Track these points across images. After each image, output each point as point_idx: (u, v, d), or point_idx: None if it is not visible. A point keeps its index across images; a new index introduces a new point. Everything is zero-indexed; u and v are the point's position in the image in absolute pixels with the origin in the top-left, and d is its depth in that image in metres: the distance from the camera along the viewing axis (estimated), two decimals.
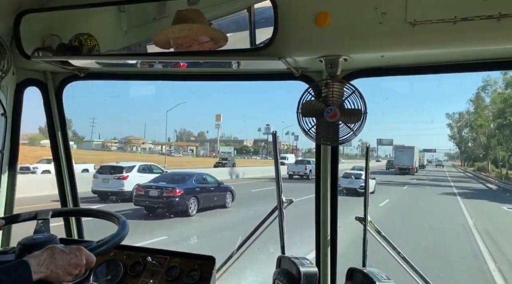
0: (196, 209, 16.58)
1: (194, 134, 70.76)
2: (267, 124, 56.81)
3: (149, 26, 2.20)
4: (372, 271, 2.13)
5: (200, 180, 18.16)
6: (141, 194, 16.56)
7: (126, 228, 1.74)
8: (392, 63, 2.07)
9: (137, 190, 16.83)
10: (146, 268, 2.09)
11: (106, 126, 72.01)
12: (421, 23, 1.72)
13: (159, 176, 18.70)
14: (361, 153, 63.07)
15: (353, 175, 20.61)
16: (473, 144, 57.90)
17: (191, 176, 18.10)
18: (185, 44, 2.02)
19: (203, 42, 2.03)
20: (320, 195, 2.37)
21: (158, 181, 17.48)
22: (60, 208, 2.53)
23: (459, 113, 53.51)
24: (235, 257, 2.53)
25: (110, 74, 2.58)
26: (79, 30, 2.14)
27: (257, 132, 64.33)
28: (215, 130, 59.00)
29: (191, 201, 16.48)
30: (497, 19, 1.63)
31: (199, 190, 17.17)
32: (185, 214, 16.08)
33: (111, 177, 18.08)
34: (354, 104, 1.98)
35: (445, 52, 1.89)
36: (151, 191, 16.46)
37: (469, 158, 63.49)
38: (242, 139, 71.99)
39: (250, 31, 2.12)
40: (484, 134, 44.09)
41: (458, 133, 59.22)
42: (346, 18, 1.82)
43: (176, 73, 2.44)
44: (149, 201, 16.33)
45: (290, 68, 2.08)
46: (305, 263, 2.22)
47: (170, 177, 18.45)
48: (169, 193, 16.28)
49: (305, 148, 60.35)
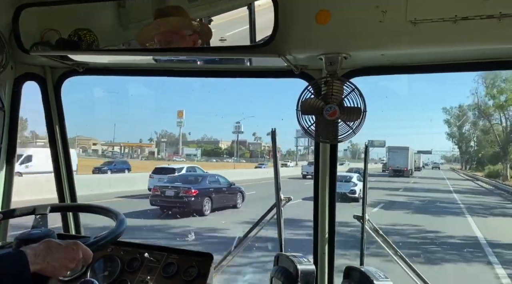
0: (210, 208, 16.96)
1: (176, 135, 67.36)
2: (237, 122, 53.16)
3: (149, 21, 2.20)
4: (370, 270, 2.13)
5: (213, 181, 18.75)
6: (157, 194, 17.25)
7: (124, 224, 1.74)
8: (392, 61, 2.06)
9: (154, 190, 17.51)
10: (144, 265, 2.09)
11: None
12: (421, 22, 1.71)
13: (174, 177, 19.46)
14: (350, 155, 62.49)
15: (341, 178, 18.33)
16: (478, 143, 49.79)
17: (205, 177, 18.98)
18: (167, 38, 2.02)
19: (185, 35, 2.02)
20: (318, 193, 2.38)
21: (173, 182, 18.01)
22: (59, 203, 2.54)
23: (459, 106, 48.14)
24: (233, 254, 2.53)
25: (109, 69, 2.57)
26: (78, 25, 2.14)
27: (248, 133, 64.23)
28: (179, 128, 56.30)
29: (206, 201, 16.90)
30: (497, 18, 1.62)
31: (212, 190, 17.62)
32: (200, 213, 16.53)
33: (165, 177, 20.42)
34: (353, 103, 1.98)
35: (445, 51, 1.89)
36: (167, 191, 17.04)
37: (471, 160, 54.37)
38: (219, 140, 69.65)
39: (250, 28, 2.11)
40: (500, 125, 38.66)
41: (458, 129, 51.78)
42: (346, 16, 1.82)
43: (175, 69, 2.44)
44: (165, 201, 16.88)
45: (290, 66, 2.08)
46: (303, 261, 2.23)
47: (184, 178, 19.22)
48: (185, 193, 16.77)
49: (285, 150, 60.27)
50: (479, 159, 51.85)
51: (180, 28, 2.02)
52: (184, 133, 65.47)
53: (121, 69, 2.56)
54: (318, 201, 2.38)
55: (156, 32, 2.03)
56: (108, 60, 2.41)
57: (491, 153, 45.29)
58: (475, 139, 53.38)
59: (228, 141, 69.36)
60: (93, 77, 2.59)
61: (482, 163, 50.08)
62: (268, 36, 1.86)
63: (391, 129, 66.28)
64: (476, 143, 53.41)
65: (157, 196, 17.16)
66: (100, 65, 2.52)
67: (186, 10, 2.05)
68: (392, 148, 40.83)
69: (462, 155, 60.97)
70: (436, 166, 60.21)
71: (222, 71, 2.43)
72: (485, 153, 48.32)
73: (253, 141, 68.11)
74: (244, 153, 67.76)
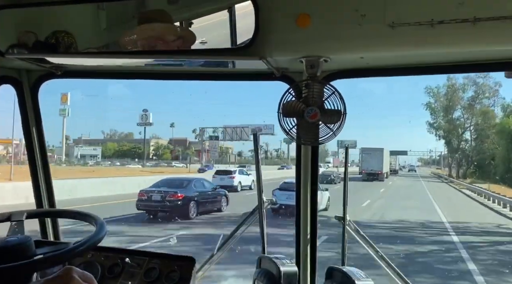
0: (196, 212, 16.96)
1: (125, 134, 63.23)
2: (144, 109, 48.04)
3: (129, 24, 2.18)
4: (351, 270, 2.17)
5: (199, 185, 18.97)
6: (143, 199, 17.27)
7: (104, 229, 1.71)
8: (371, 64, 2.10)
9: (140, 195, 17.44)
10: (125, 270, 2.07)
11: None
12: (399, 25, 1.74)
13: (159, 181, 19.35)
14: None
15: (292, 187, 16.35)
16: (478, 134, 34.39)
17: (191, 181, 19.12)
18: (150, 44, 2.00)
19: (169, 41, 2.00)
20: (300, 194, 2.39)
21: (159, 186, 18.02)
22: (36, 209, 2.49)
23: (448, 79, 33.25)
24: (215, 258, 2.52)
25: (88, 72, 2.54)
26: (56, 27, 2.09)
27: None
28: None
29: (192, 204, 16.86)
30: (472, 23, 1.66)
31: (198, 194, 17.64)
32: (186, 217, 16.69)
33: (225, 177, 25.52)
34: (334, 105, 2.00)
35: (423, 54, 1.93)
36: (154, 195, 17.11)
37: (467, 162, 37.19)
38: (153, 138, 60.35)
39: (231, 31, 2.11)
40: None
41: (445, 115, 35.71)
42: (326, 20, 1.83)
43: (155, 72, 2.43)
44: (152, 205, 17.01)
45: (271, 68, 2.09)
46: (285, 263, 2.25)
47: (170, 182, 19.27)
48: (171, 197, 16.86)
49: (236, 151, 56.92)
50: (480, 160, 34.71)
51: (164, 34, 2.00)
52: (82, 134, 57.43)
53: (100, 72, 2.53)
54: (300, 202, 2.39)
55: (140, 37, 2.01)
56: (87, 63, 2.37)
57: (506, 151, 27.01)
58: (471, 129, 36.43)
59: (166, 139, 60.85)
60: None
61: (483, 166, 33.92)
62: (249, 39, 1.87)
63: (365, 130, 61.30)
64: (475, 135, 36.51)
65: (144, 200, 17.17)
66: (78, 68, 2.48)
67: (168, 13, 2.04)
68: (365, 150, 36.91)
69: (452, 155, 41.13)
70: (412, 169, 54.82)
71: (203, 74, 2.43)
72: (493, 151, 32.21)
73: (194, 139, 58.14)
74: (164, 153, 58.90)
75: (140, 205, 17.16)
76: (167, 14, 2.00)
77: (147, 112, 46.83)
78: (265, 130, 47.52)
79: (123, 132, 63.45)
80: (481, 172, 34.10)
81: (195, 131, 54.26)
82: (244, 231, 2.53)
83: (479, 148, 35.54)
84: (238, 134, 44.91)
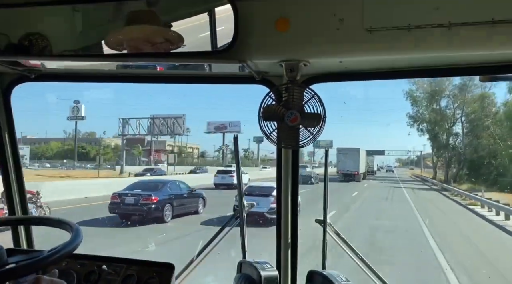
0: (171, 215, 16.75)
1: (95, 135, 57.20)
2: (76, 100, 38.32)
3: (106, 26, 2.14)
4: (332, 273, 2.18)
5: (174, 187, 18.53)
6: (116, 202, 16.75)
7: (80, 236, 1.67)
8: (350, 68, 2.12)
9: (112, 198, 16.92)
10: (102, 278, 2.02)
11: None
12: (377, 30, 1.77)
13: (133, 184, 18.93)
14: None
15: (258, 191, 13.47)
16: (473, 126, 26.46)
17: (165, 183, 18.64)
18: (138, 45, 1.98)
19: (157, 43, 1.98)
20: (281, 197, 2.39)
21: (133, 189, 17.56)
22: (8, 217, 2.42)
23: None
24: (194, 264, 2.49)
25: (63, 75, 2.49)
26: (30, 30, 2.04)
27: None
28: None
29: (166, 207, 16.62)
30: (447, 27, 1.70)
31: (173, 197, 17.45)
32: (161, 220, 16.28)
33: (226, 176, 27.75)
34: (313, 109, 2.01)
35: (400, 58, 1.96)
36: (127, 198, 16.65)
37: (458, 163, 28.71)
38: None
39: (211, 34, 2.10)
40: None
41: (429, 102, 28.90)
42: (305, 24, 1.84)
43: (132, 75, 2.39)
44: (125, 208, 16.47)
45: (251, 72, 2.09)
46: (266, 267, 2.25)
47: (144, 184, 18.80)
48: (145, 201, 16.47)
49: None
50: (476, 160, 25.90)
51: (153, 36, 1.98)
52: None
53: (76, 75, 2.47)
54: (281, 206, 2.39)
55: (127, 38, 1.98)
56: (61, 65, 2.32)
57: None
58: (463, 120, 28.71)
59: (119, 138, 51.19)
60: None
61: (480, 167, 24.70)
62: (229, 43, 1.86)
63: (343, 130, 60.81)
64: (468, 128, 28.81)
65: (117, 203, 16.71)
66: (53, 71, 2.42)
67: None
68: (341, 150, 35.63)
69: (438, 153, 32.83)
70: (390, 169, 53.71)
71: (183, 77, 2.40)
72: (493, 148, 23.87)
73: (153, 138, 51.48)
74: (106, 153, 50.68)
75: (112, 208, 16.65)
76: (156, 16, 1.98)
77: (78, 103, 39.06)
78: (231, 127, 44.58)
79: (87, 131, 58.60)
80: (476, 175, 25.19)
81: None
82: (225, 235, 2.52)
83: (475, 143, 26.89)
84: (169, 127, 38.09)
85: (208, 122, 47.39)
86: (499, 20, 1.63)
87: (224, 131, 47.58)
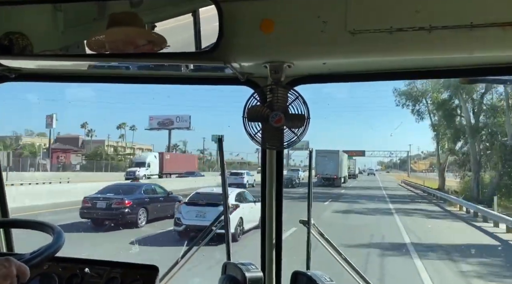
0: (146, 220, 16.43)
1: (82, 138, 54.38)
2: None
3: (88, 26, 2.11)
4: (316, 274, 2.20)
5: (149, 190, 18.12)
6: (88, 206, 16.21)
7: (62, 238, 1.65)
8: (333, 70, 2.15)
9: (84, 202, 16.43)
10: (84, 281, 2.00)
11: None
12: (360, 32, 1.79)
13: (105, 187, 18.34)
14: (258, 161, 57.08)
15: (206, 200, 11.51)
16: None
17: (140, 187, 18.17)
18: (120, 47, 1.96)
19: (139, 45, 1.97)
20: (265, 198, 2.40)
21: (105, 193, 17.08)
22: None
23: None
24: (179, 266, 2.47)
25: (44, 76, 2.44)
26: (10, 29, 2.00)
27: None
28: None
29: (141, 212, 16.32)
30: (428, 30, 1.73)
31: (148, 200, 17.07)
32: (134, 225, 15.85)
33: (238, 177, 31.25)
34: (297, 110, 2.02)
35: (382, 61, 1.99)
36: (98, 202, 16.18)
37: (499, 162, 18.74)
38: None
39: (195, 35, 2.10)
40: None
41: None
42: (289, 26, 1.86)
43: (115, 75, 2.36)
44: (96, 213, 16.00)
45: (235, 73, 2.09)
46: (251, 268, 2.26)
47: (117, 188, 18.26)
48: (117, 205, 16.03)
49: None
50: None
51: (135, 38, 1.96)
52: None
53: (57, 75, 2.43)
54: (266, 207, 2.40)
55: (109, 40, 1.95)
56: (42, 65, 2.27)
57: None
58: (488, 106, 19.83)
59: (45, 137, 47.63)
60: None
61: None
62: (213, 44, 1.86)
63: (321, 131, 58.99)
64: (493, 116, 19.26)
65: (88, 208, 16.15)
66: (34, 71, 2.38)
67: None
68: (320, 152, 33.04)
69: (452, 146, 24.25)
70: (371, 173, 53.09)
71: (167, 78, 2.39)
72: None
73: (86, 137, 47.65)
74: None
75: (83, 213, 16.14)
76: (138, 17, 1.96)
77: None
78: (178, 122, 38.37)
79: (78, 134, 55.88)
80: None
81: (85, 126, 42.46)
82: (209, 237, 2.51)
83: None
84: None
85: (150, 116, 40.74)
86: (477, 24, 1.67)
87: (170, 128, 41.90)
